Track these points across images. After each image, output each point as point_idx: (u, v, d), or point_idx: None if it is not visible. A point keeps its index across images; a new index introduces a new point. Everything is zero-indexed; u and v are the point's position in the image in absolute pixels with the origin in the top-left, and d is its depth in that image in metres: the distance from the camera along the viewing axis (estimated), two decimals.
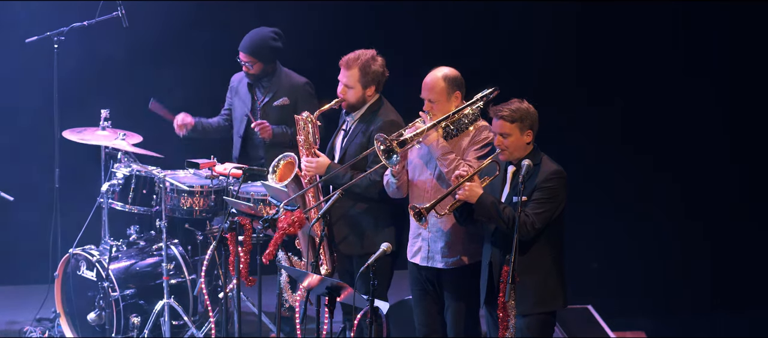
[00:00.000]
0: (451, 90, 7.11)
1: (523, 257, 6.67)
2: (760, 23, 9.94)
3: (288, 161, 7.58)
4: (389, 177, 7.19)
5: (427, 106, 7.12)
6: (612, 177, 10.11)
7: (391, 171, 7.12)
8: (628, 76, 10.12)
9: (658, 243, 10.08)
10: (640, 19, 10.08)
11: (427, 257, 7.21)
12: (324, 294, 6.79)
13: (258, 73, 8.68)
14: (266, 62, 8.67)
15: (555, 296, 6.82)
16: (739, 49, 10.05)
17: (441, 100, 7.10)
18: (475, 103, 7.08)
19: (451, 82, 7.10)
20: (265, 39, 8.65)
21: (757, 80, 10.03)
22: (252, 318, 8.86)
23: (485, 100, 7.06)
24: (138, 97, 9.45)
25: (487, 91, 7.09)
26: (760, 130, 10.09)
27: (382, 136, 6.92)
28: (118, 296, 8.55)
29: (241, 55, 8.64)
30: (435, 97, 7.10)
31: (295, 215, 7.13)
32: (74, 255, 8.71)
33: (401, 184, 7.20)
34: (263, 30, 8.70)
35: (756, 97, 10.06)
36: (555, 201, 6.72)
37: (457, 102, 7.13)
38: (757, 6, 9.90)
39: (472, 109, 7.09)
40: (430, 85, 7.11)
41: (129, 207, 8.67)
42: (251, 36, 8.67)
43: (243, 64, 8.67)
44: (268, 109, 8.74)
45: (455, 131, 7.10)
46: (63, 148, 9.05)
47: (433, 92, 7.10)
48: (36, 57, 9.48)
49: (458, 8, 10.23)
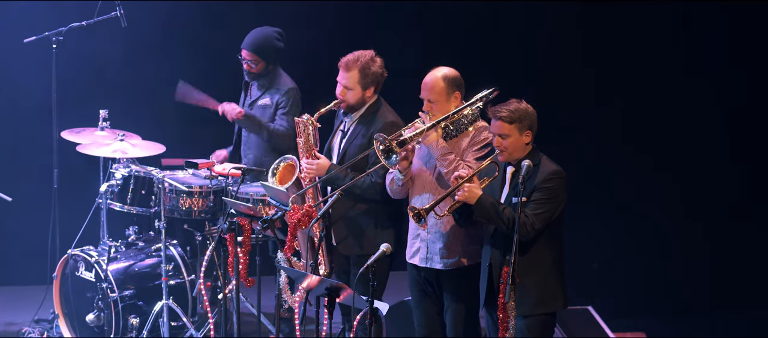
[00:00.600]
0: (451, 90, 7.11)
1: (523, 258, 6.65)
2: (760, 23, 9.94)
3: (288, 163, 7.59)
4: (395, 173, 7.17)
5: (426, 106, 7.11)
6: (612, 178, 10.11)
7: (398, 169, 7.10)
8: (628, 76, 10.12)
9: (659, 244, 10.07)
10: (641, 19, 10.08)
11: (425, 258, 7.20)
12: (323, 295, 6.77)
13: (259, 73, 8.70)
14: (269, 62, 8.70)
15: (555, 297, 6.80)
16: (739, 49, 10.04)
17: (440, 100, 7.09)
18: (474, 103, 7.07)
19: (451, 82, 7.10)
20: (270, 38, 8.69)
21: (757, 80, 10.03)
22: (251, 320, 8.88)
23: (485, 101, 7.05)
24: (137, 97, 9.51)
25: (486, 91, 7.08)
26: (760, 130, 10.08)
27: (382, 135, 6.92)
28: (116, 297, 8.54)
29: (244, 53, 8.67)
30: (434, 97, 7.09)
31: (305, 208, 7.15)
32: (73, 256, 8.70)
33: (405, 181, 7.18)
34: (267, 29, 8.73)
35: (756, 97, 10.05)
36: (555, 201, 6.70)
37: (456, 102, 7.12)
38: (758, 6, 9.91)
39: (471, 110, 7.08)
40: (430, 85, 7.10)
41: (128, 208, 8.66)
42: (255, 35, 8.70)
43: (245, 62, 8.68)
44: (253, 106, 8.78)
45: (455, 132, 7.09)
46: (61, 148, 9.03)
47: (433, 92, 7.09)
48: (34, 57, 9.51)
49: (458, 8, 10.24)
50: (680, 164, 10.11)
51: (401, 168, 7.08)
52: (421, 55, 9.93)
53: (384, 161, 6.93)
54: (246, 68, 8.72)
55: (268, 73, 8.73)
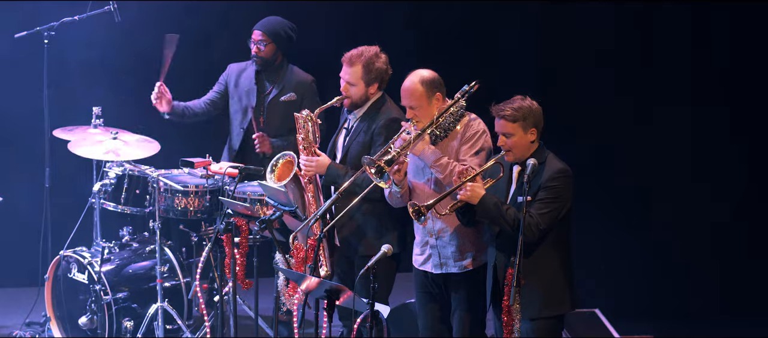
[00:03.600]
0: (431, 92, 7.07)
1: (529, 259, 6.62)
2: (761, 23, 10.00)
3: (287, 160, 7.55)
4: (392, 187, 7.16)
5: (409, 113, 7.09)
6: (620, 178, 10.12)
7: (394, 182, 7.10)
8: (640, 74, 10.15)
9: (667, 246, 10.09)
10: (645, 18, 10.11)
11: (439, 264, 7.16)
12: (323, 297, 6.73)
13: (267, 58, 8.72)
14: (279, 47, 8.72)
15: (562, 299, 6.75)
16: (744, 49, 10.07)
17: (422, 105, 7.06)
18: (456, 101, 7.03)
19: (429, 84, 7.07)
20: (284, 24, 8.75)
21: (763, 78, 10.07)
22: (248, 322, 8.84)
23: (467, 96, 7.02)
24: (131, 94, 9.51)
25: (467, 86, 7.03)
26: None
27: (368, 158, 6.91)
28: (110, 299, 8.51)
29: (256, 33, 8.70)
30: (415, 102, 7.06)
31: (309, 243, 7.23)
32: (65, 257, 8.67)
33: (404, 192, 7.17)
34: (281, 18, 8.79)
35: (763, 97, 10.09)
36: (560, 200, 6.66)
37: (438, 103, 7.09)
38: (758, 6, 9.96)
39: (455, 108, 7.05)
40: (409, 91, 7.07)
41: (121, 208, 8.64)
42: (270, 19, 8.75)
43: (254, 44, 8.71)
44: (275, 103, 8.75)
45: (443, 134, 7.06)
46: (53, 146, 9.00)
47: (413, 98, 7.06)
48: (25, 52, 9.50)
49: (458, 7, 10.27)
50: (689, 165, 10.14)
51: (396, 180, 7.07)
52: (420, 54, 9.92)
53: (379, 182, 6.93)
54: (254, 51, 8.72)
55: (273, 62, 8.73)
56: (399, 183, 7.08)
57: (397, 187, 7.11)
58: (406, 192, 7.16)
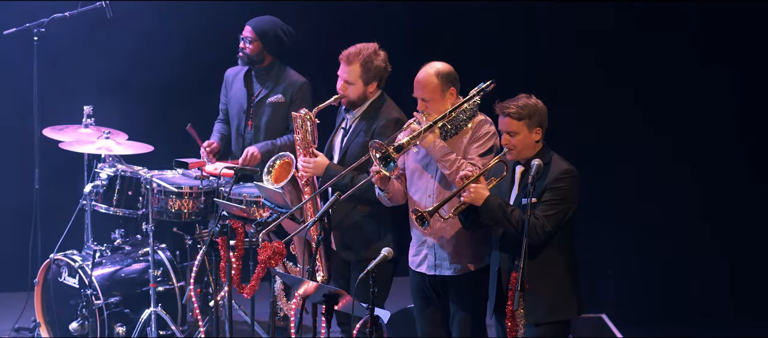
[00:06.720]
0: (445, 86, 7.01)
1: (534, 262, 6.56)
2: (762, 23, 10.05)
3: (284, 161, 7.52)
4: (378, 191, 7.12)
5: (420, 105, 7.04)
6: (628, 181, 10.11)
7: (378, 186, 7.05)
8: (642, 74, 10.13)
9: (675, 250, 10.08)
10: (653, 19, 10.09)
11: (434, 265, 7.11)
12: (321, 302, 6.69)
13: (251, 55, 8.69)
14: (265, 46, 8.70)
15: (568, 304, 6.69)
16: (750, 48, 10.05)
17: (435, 98, 7.00)
18: (471, 98, 6.99)
19: (445, 78, 7.01)
20: (275, 26, 8.73)
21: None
22: (244, 328, 8.87)
23: (482, 94, 6.99)
24: (123, 93, 9.55)
25: (483, 84, 7.00)
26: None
27: (377, 142, 6.87)
28: (102, 304, 8.48)
29: (245, 29, 8.68)
30: (428, 95, 6.99)
31: (274, 246, 7.11)
32: (55, 261, 8.66)
33: (392, 195, 7.11)
34: (276, 19, 8.77)
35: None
36: (566, 202, 6.59)
37: (452, 99, 7.04)
38: (759, 6, 9.97)
39: (469, 105, 7.00)
40: (423, 82, 7.01)
41: (114, 210, 8.62)
42: (263, 18, 8.74)
43: (242, 40, 8.70)
44: (261, 104, 8.72)
45: (453, 130, 7.00)
46: (43, 146, 9.02)
47: (427, 90, 7.00)
48: (14, 49, 9.47)
49: (459, 6, 10.27)
50: (698, 169, 10.12)
51: (380, 185, 7.02)
52: (421, 52, 9.81)
53: (383, 169, 6.87)
54: (241, 47, 8.70)
55: (272, 68, 8.70)
56: (383, 186, 7.04)
57: (381, 191, 7.07)
58: (394, 194, 7.11)
